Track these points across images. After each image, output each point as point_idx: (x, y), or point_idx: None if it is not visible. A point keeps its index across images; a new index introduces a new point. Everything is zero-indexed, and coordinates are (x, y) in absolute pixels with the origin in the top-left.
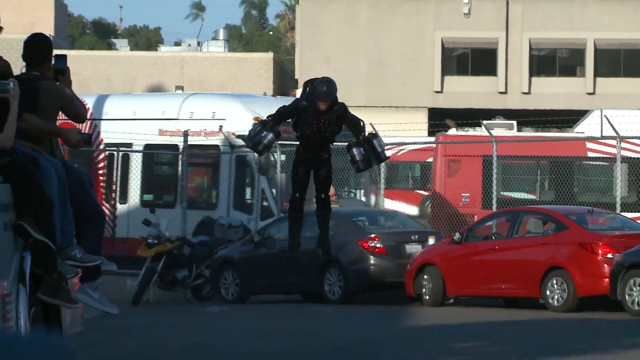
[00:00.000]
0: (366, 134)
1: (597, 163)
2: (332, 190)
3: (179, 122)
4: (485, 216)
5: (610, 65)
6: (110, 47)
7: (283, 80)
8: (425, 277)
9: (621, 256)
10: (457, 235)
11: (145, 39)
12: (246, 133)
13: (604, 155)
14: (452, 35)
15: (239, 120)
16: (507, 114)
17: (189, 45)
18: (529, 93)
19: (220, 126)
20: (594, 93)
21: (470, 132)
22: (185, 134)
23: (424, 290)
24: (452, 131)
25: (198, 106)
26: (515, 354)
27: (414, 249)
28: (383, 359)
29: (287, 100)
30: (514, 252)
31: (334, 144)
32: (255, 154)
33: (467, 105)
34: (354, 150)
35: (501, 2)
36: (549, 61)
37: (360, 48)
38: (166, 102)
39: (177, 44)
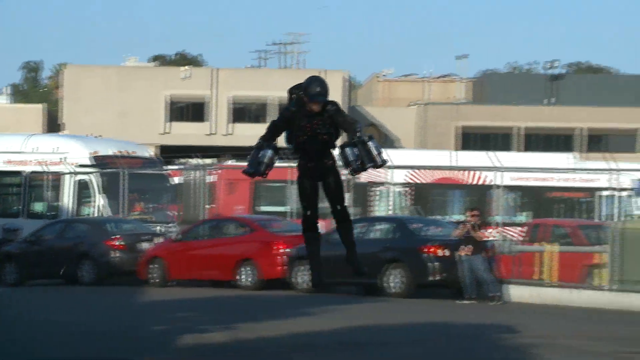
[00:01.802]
0: (361, 135)
1: None
2: (141, 205)
3: (24, 155)
4: (198, 222)
5: None
6: None
7: (52, 125)
8: (153, 266)
9: (292, 250)
10: (178, 236)
11: None
12: (85, 162)
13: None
14: (176, 92)
15: (79, 153)
16: (215, 149)
17: None
18: (231, 134)
19: (63, 158)
20: None
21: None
22: None
23: (152, 275)
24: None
25: (42, 143)
26: (219, 321)
27: (145, 245)
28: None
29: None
30: (218, 247)
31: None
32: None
33: (185, 143)
34: (347, 150)
35: (209, 69)
36: (243, 112)
37: (111, 102)
38: (11, 140)
39: None
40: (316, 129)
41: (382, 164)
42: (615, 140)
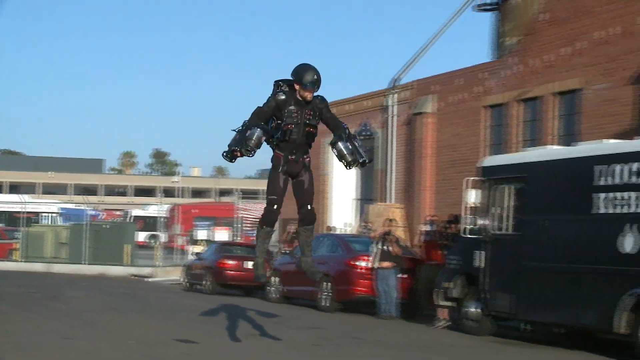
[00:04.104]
0: (349, 131)
1: None
2: None
3: None
4: None
5: None
6: None
7: None
8: None
9: None
10: None
11: None
12: None
13: None
14: None
15: None
16: None
17: None
18: None
19: None
20: None
21: None
22: None
23: None
24: None
25: None
26: None
27: None
28: None
29: None
30: None
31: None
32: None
33: None
34: (340, 144)
35: None
36: None
37: None
38: None
39: None
40: (306, 120)
41: (369, 160)
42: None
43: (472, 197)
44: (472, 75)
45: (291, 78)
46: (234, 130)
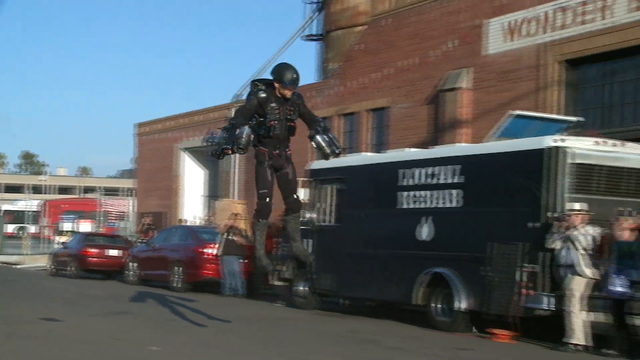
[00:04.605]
0: (324, 125)
1: None
2: None
3: None
4: None
5: None
6: None
7: None
8: None
9: None
10: None
11: None
12: None
13: None
14: None
15: None
16: None
17: None
18: None
19: None
20: None
21: None
22: None
23: None
24: None
25: None
26: None
27: None
28: None
29: None
30: None
31: None
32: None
33: None
34: (318, 137)
35: None
36: None
37: None
38: None
39: None
40: (287, 116)
41: (342, 150)
42: None
43: (302, 194)
44: (302, 93)
45: (270, 77)
46: (220, 128)
